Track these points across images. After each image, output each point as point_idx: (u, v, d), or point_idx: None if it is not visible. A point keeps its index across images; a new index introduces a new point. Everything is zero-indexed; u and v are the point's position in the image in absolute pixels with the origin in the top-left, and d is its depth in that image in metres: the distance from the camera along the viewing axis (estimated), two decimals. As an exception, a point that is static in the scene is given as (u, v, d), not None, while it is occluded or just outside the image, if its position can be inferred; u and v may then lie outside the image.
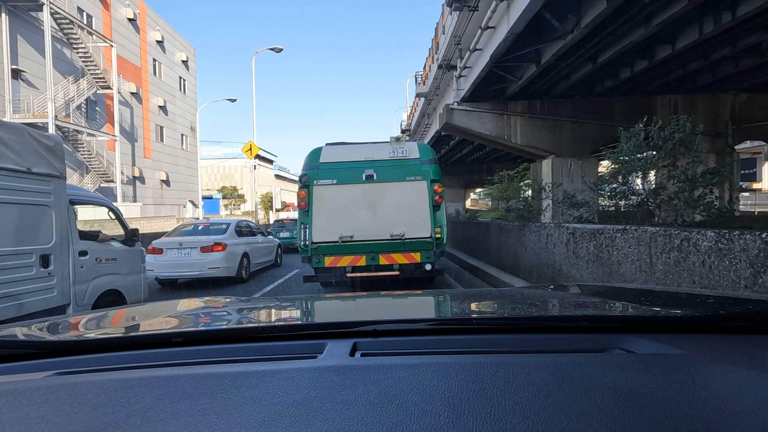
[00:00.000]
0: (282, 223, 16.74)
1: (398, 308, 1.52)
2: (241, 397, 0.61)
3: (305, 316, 1.38)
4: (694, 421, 0.52)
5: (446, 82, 17.96)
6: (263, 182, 62.31)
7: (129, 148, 26.47)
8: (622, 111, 15.10)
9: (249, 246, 8.49)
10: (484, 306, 1.46)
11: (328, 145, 6.61)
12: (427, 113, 23.24)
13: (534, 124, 15.17)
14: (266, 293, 7.06)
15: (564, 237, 5.12)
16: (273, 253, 10.26)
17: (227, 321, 1.32)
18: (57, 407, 0.61)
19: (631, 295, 1.41)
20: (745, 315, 0.94)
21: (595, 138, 15.31)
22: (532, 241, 6.18)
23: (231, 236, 8.00)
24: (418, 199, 6.08)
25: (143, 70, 28.54)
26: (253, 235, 9.15)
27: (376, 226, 6.02)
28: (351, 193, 6.12)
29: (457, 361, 0.72)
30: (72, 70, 21.66)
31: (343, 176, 6.16)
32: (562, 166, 15.04)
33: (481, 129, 15.29)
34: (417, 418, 0.54)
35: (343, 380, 0.65)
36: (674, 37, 10.66)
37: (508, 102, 15.27)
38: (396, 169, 6.21)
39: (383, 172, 6.18)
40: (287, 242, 15.67)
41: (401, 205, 6.07)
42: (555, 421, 0.53)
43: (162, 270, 7.44)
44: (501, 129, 15.24)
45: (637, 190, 5.65)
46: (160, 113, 30.84)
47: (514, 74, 13.52)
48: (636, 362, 0.71)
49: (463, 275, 8.83)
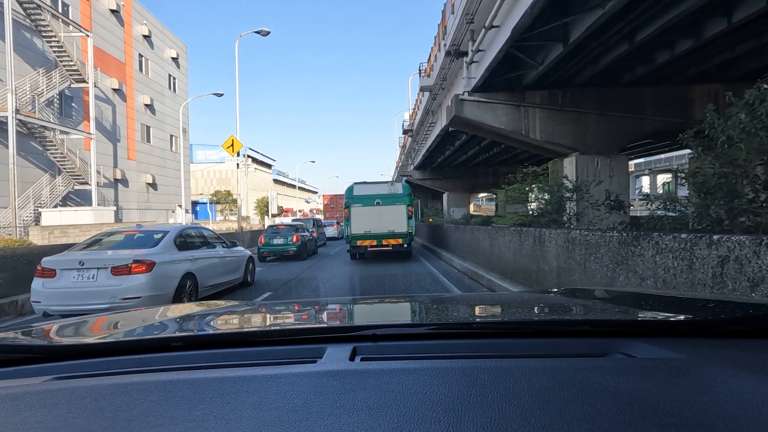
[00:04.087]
0: (276, 229, 15.07)
1: (398, 312, 1.54)
2: (240, 402, 0.61)
3: (305, 321, 1.39)
4: (696, 426, 0.52)
5: (454, 72, 16.18)
6: (261, 187, 60.67)
7: (110, 149, 24.61)
8: (654, 102, 13.35)
9: (197, 263, 6.17)
10: (485, 310, 1.45)
11: (357, 184, 12.77)
12: (431, 110, 21.51)
13: (555, 117, 13.39)
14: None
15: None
16: (240, 270, 7.80)
17: (226, 325, 1.32)
18: (55, 412, 0.61)
19: (632, 300, 1.45)
20: (745, 319, 0.94)
21: (623, 133, 13.56)
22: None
23: (165, 250, 5.65)
24: (400, 213, 12.21)
25: (128, 65, 26.75)
26: (208, 247, 6.86)
27: (380, 226, 12.13)
28: (369, 211, 12.12)
29: (457, 366, 0.72)
30: (44, 61, 19.80)
31: (365, 202, 12.21)
32: (588, 165, 13.23)
33: (494, 123, 13.50)
34: (417, 423, 0.54)
35: (343, 385, 0.66)
36: (733, 7, 8.87)
37: (525, 92, 13.52)
38: (390, 198, 12.34)
39: (384, 199, 12.30)
40: (281, 249, 14.13)
41: (392, 217, 12.15)
42: (555, 426, 0.52)
43: (52, 301, 5.06)
44: (517, 122, 13.46)
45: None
46: (147, 112, 29.01)
47: (535, 58, 11.75)
48: (637, 367, 0.72)
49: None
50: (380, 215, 12.10)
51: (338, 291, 7.64)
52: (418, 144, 28.23)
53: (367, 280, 9.11)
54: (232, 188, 58.20)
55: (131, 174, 26.93)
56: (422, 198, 41.91)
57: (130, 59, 27.03)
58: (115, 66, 25.34)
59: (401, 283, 8.58)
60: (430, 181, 32.44)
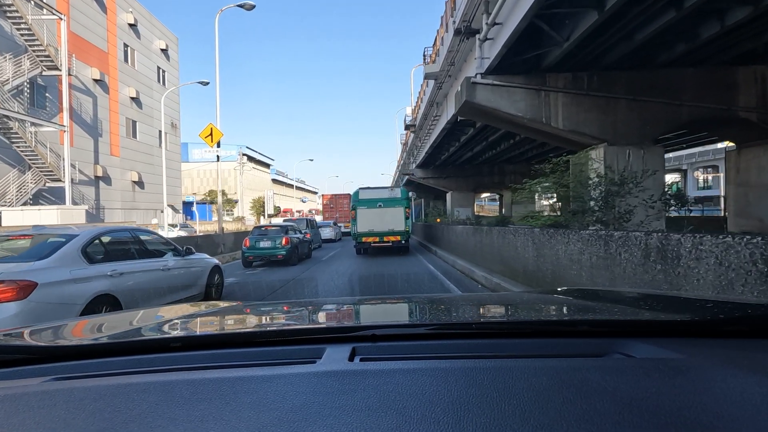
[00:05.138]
0: (263, 230, 13.32)
1: (397, 313, 1.53)
2: (239, 403, 0.61)
3: (304, 321, 1.38)
4: (695, 426, 0.52)
5: (463, 55, 14.54)
6: (260, 186, 59.03)
7: (90, 143, 22.94)
8: (693, 86, 11.72)
9: (122, 279, 4.39)
10: (484, 310, 1.44)
11: (361, 189, 14.92)
12: (436, 102, 19.85)
13: (580, 103, 11.74)
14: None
15: None
16: (198, 284, 5.90)
17: (225, 326, 1.32)
18: (54, 413, 0.61)
19: (631, 300, 1.44)
20: (744, 319, 0.93)
21: (657, 121, 11.92)
22: None
23: (62, 263, 3.88)
24: (398, 214, 14.39)
25: (111, 55, 25.10)
26: (147, 256, 5.06)
27: (382, 225, 14.25)
28: (372, 212, 14.29)
29: (456, 366, 0.72)
30: (12, 46, 18.16)
31: (369, 205, 14.40)
32: (618, 157, 11.57)
33: (511, 109, 11.85)
34: (416, 423, 0.54)
35: (342, 385, 0.65)
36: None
37: (546, 75, 11.87)
38: (390, 201, 14.54)
39: (385, 202, 14.49)
40: (268, 253, 12.31)
41: (392, 217, 14.34)
42: (555, 426, 0.52)
43: None
44: (537, 109, 11.82)
45: None
46: (133, 105, 27.35)
47: (560, 32, 10.12)
48: (636, 367, 0.71)
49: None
50: (382, 216, 14.35)
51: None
52: (421, 140, 26.61)
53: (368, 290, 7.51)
54: (229, 188, 56.75)
55: (114, 171, 25.24)
56: (424, 198, 40.29)
57: (114, 49, 25.37)
58: (96, 55, 23.67)
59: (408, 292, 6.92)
60: (433, 180, 30.83)
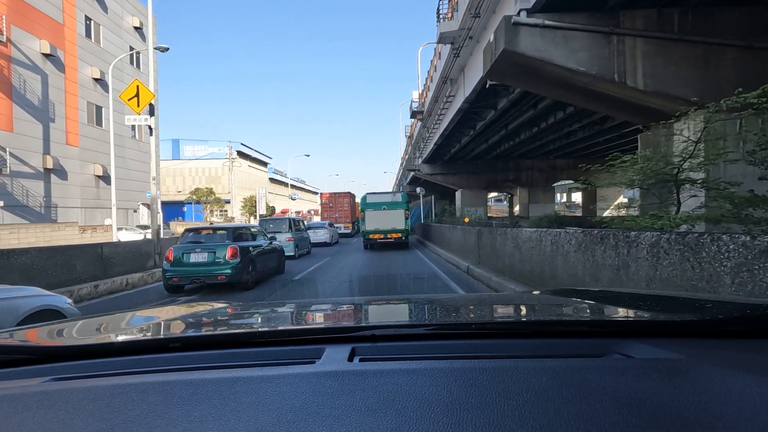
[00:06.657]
0: (197, 235, 8.45)
1: (397, 313, 1.53)
2: (238, 403, 0.61)
3: (303, 321, 1.37)
4: (694, 426, 0.52)
5: (491, 5, 10.98)
6: (256, 186, 55.30)
7: (38, 129, 19.46)
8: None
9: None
10: (483, 311, 1.45)
11: (369, 194, 18.57)
12: (450, 78, 16.34)
13: (669, 53, 8.24)
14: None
15: None
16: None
17: (225, 326, 1.32)
18: (53, 413, 0.61)
19: (630, 300, 1.45)
20: (744, 319, 0.93)
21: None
22: None
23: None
24: (399, 216, 17.75)
25: (68, 28, 21.65)
26: None
27: (386, 224, 17.55)
28: (377, 213, 17.71)
29: (455, 366, 0.72)
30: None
31: (375, 207, 17.90)
32: (726, 127, 8.02)
33: (568, 62, 8.36)
34: (416, 423, 0.54)
35: (342, 386, 0.65)
36: None
37: (619, 13, 8.35)
38: (393, 204, 17.95)
39: (388, 205, 17.88)
40: (203, 273, 7.53)
41: (394, 218, 17.63)
42: (554, 426, 0.52)
43: None
44: (607, 61, 8.32)
45: None
46: (97, 88, 23.88)
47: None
48: (635, 367, 0.71)
49: None
50: (386, 217, 17.45)
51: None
52: (429, 130, 23.08)
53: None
54: (222, 185, 53.42)
55: (71, 163, 21.73)
56: (431, 196, 36.76)
57: (72, 21, 21.91)
58: (47, 25, 20.21)
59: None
60: (441, 177, 27.37)
